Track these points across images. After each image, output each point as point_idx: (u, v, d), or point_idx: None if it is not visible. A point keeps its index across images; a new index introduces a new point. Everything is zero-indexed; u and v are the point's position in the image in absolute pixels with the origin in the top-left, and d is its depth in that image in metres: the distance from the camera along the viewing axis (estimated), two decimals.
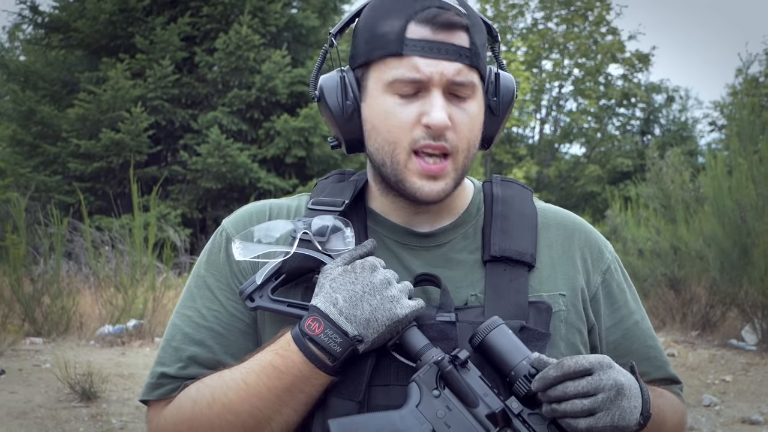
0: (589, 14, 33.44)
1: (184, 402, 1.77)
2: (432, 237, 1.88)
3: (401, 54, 1.73)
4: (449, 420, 1.65)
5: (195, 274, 1.90)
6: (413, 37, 1.73)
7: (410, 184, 1.78)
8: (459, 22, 1.74)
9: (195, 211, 17.09)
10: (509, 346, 1.67)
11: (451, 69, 1.74)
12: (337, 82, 1.82)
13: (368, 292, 1.68)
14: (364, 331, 1.67)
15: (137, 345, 9.57)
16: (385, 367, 1.73)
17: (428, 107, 1.74)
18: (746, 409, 8.04)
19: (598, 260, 1.95)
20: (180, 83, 17.47)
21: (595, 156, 33.12)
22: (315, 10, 18.76)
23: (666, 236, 12.51)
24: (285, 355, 1.69)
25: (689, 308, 11.96)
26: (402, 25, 1.73)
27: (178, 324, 1.85)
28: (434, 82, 1.74)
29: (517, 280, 1.82)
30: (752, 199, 10.65)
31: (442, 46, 1.73)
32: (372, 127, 1.79)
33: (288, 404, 1.70)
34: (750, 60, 29.60)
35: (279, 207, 1.93)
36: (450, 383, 1.66)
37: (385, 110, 1.77)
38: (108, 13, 17.25)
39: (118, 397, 7.41)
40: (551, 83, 34.33)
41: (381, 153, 1.79)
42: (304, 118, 16.84)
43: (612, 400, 1.61)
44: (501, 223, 1.88)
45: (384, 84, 1.76)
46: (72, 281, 10.75)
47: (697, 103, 51.14)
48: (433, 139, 1.75)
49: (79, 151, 16.59)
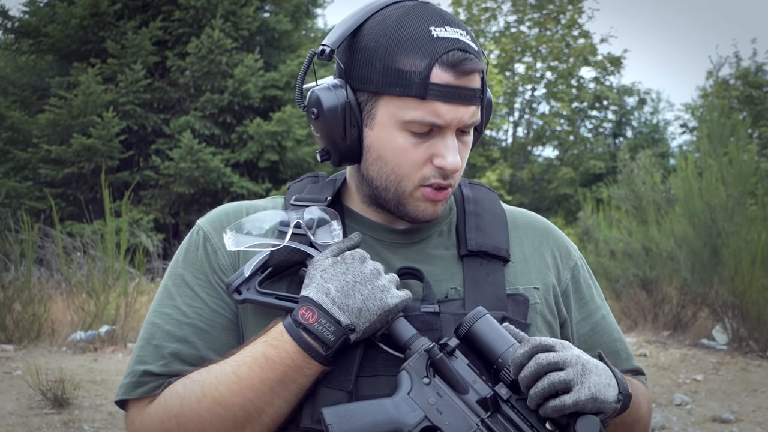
0: (562, 17, 33.52)
1: (170, 399, 1.76)
2: (409, 234, 1.91)
3: (424, 98, 1.74)
4: (441, 406, 1.68)
5: (171, 273, 1.90)
6: (437, 82, 1.73)
7: (413, 208, 1.83)
8: (478, 68, 1.76)
9: (168, 216, 17.04)
10: (494, 335, 1.70)
11: (468, 113, 1.77)
12: (342, 105, 1.80)
13: (359, 282, 1.71)
14: (356, 320, 1.69)
15: (110, 351, 9.52)
16: (371, 358, 1.75)
17: (443, 150, 1.77)
18: (717, 407, 8.09)
19: (566, 258, 2.01)
20: (152, 88, 17.42)
21: (568, 158, 33.20)
22: (287, 14, 18.75)
23: (637, 237, 12.57)
24: (278, 345, 1.70)
25: (661, 308, 12.02)
26: (426, 67, 1.73)
27: (157, 322, 1.84)
28: (451, 127, 1.76)
29: (494, 273, 1.87)
30: (722, 200, 10.71)
31: (462, 92, 1.75)
32: (378, 157, 1.80)
33: (280, 395, 1.71)
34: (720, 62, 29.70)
35: (255, 208, 1.93)
36: (440, 371, 1.69)
37: (396, 146, 1.78)
38: (79, 18, 17.18)
39: (90, 404, 7.37)
40: (524, 86, 34.39)
41: (384, 180, 1.82)
42: (276, 122, 16.82)
43: (581, 373, 1.64)
44: (475, 221, 1.93)
45: (399, 121, 1.76)
46: (43, 287, 10.65)
47: (668, 106, 51.48)
48: (443, 178, 1.79)
49: (50, 156, 16.51)
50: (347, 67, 1.81)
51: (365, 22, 1.80)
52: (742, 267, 10.34)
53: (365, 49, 1.78)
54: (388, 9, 1.80)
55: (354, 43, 1.80)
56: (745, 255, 10.34)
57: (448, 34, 1.75)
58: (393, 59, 1.75)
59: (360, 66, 1.79)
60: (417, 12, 1.78)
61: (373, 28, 1.78)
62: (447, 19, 1.78)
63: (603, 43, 36.92)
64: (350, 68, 1.80)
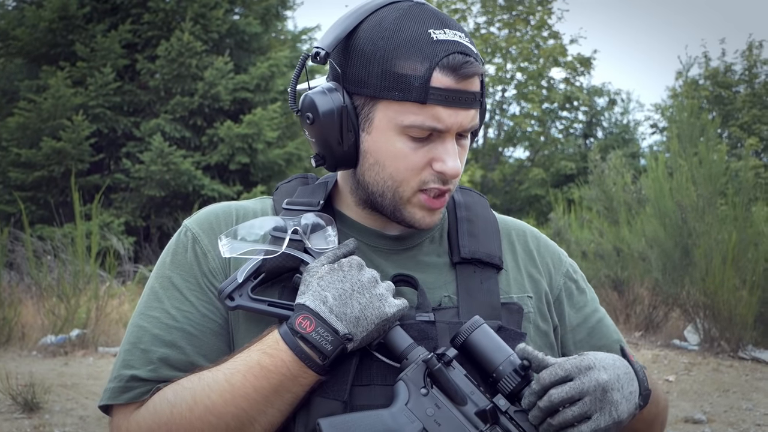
0: (531, 18, 33.61)
1: (160, 406, 1.72)
2: (401, 240, 1.89)
3: (424, 103, 1.71)
4: (439, 418, 1.66)
5: (159, 275, 1.85)
6: (438, 86, 1.71)
7: (410, 214, 1.80)
8: (479, 71, 1.74)
9: (139, 219, 16.94)
10: (492, 345, 1.69)
11: (468, 117, 1.75)
12: (338, 109, 1.76)
13: (357, 290, 1.68)
14: (353, 329, 1.66)
15: (80, 355, 9.48)
16: (366, 367, 1.73)
17: (443, 155, 1.75)
18: (689, 408, 8.12)
19: (558, 264, 2.01)
20: (122, 91, 17.31)
21: (539, 159, 33.29)
22: (257, 16, 18.68)
23: (609, 238, 12.62)
24: (273, 354, 1.66)
25: (632, 309, 12.08)
26: (427, 71, 1.70)
27: (144, 326, 1.80)
28: (451, 131, 1.74)
29: (488, 281, 1.86)
30: (693, 200, 10.77)
31: (462, 96, 1.73)
32: (375, 162, 1.78)
33: (274, 404, 1.68)
34: (689, 63, 29.96)
35: (244, 209, 1.90)
36: (438, 381, 1.67)
37: (395, 151, 1.75)
38: (47, 21, 17.05)
39: (61, 408, 7.33)
40: (494, 87, 34.45)
41: (382, 186, 1.79)
42: (247, 124, 16.76)
43: (600, 399, 1.63)
44: (468, 227, 1.91)
45: (398, 126, 1.74)
46: (13, 291, 10.59)
47: (638, 106, 51.72)
48: (442, 183, 1.77)
49: (19, 160, 16.37)
50: (343, 70, 1.77)
51: (360, 24, 1.77)
52: (713, 267, 10.39)
53: (362, 52, 1.75)
54: (383, 11, 1.77)
55: (349, 45, 1.77)
56: (716, 255, 10.40)
57: (448, 37, 1.73)
58: (392, 63, 1.72)
59: (356, 69, 1.75)
60: (414, 14, 1.75)
61: (370, 31, 1.75)
62: (445, 21, 1.76)
63: (573, 43, 37.02)
64: (346, 71, 1.77)
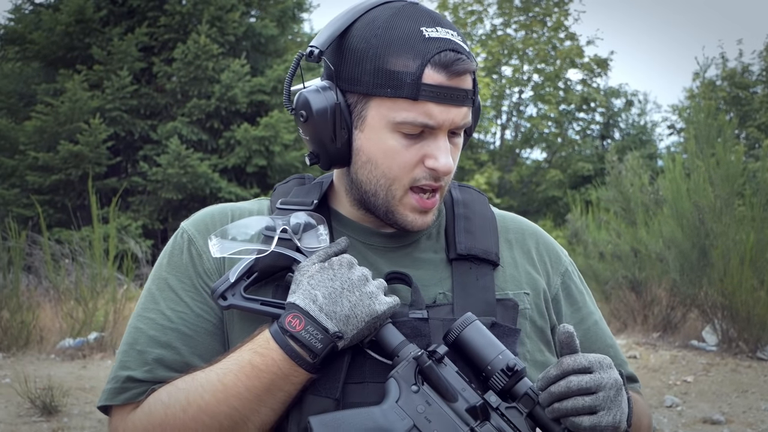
0: (548, 20, 33.57)
1: (154, 407, 1.74)
2: (397, 237, 1.89)
3: (416, 99, 1.72)
4: (430, 415, 1.66)
5: (155, 276, 1.87)
6: (429, 83, 1.71)
7: (402, 216, 1.80)
8: (470, 68, 1.75)
9: (156, 222, 17.00)
10: (484, 341, 1.68)
11: (460, 115, 1.75)
12: (331, 107, 1.77)
13: (347, 288, 1.68)
14: (344, 327, 1.66)
15: (98, 358, 9.50)
16: (359, 364, 1.73)
17: (435, 151, 1.75)
18: (707, 409, 8.09)
19: (556, 263, 1.99)
20: (138, 94, 17.38)
21: (556, 161, 33.24)
22: (273, 18, 18.73)
23: (626, 239, 12.57)
24: (264, 353, 1.67)
25: (650, 310, 12.03)
26: (418, 68, 1.71)
27: (140, 327, 1.81)
28: (443, 128, 1.75)
29: (484, 278, 1.85)
30: (710, 201, 10.72)
31: (454, 93, 1.74)
32: (368, 160, 1.78)
33: (266, 403, 1.68)
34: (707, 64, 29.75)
35: (240, 210, 1.91)
36: (429, 378, 1.67)
37: (387, 148, 1.76)
38: (64, 25, 17.14)
39: (79, 411, 7.34)
40: (511, 89, 34.42)
41: (374, 184, 1.79)
42: (264, 127, 16.80)
43: (612, 399, 1.63)
44: (465, 224, 1.91)
45: (390, 123, 1.74)
46: (31, 295, 10.63)
47: (655, 107, 51.67)
48: (434, 180, 1.77)
49: (37, 163, 16.46)
50: (336, 69, 1.78)
51: (354, 23, 1.78)
52: (730, 268, 10.34)
53: (355, 50, 1.75)
54: (376, 10, 1.78)
55: (343, 44, 1.78)
56: (734, 255, 10.35)
57: (440, 35, 1.74)
58: (384, 60, 1.73)
59: (349, 67, 1.76)
60: (407, 12, 1.76)
61: (363, 29, 1.76)
62: (437, 20, 1.77)
63: (589, 45, 36.88)
64: (339, 70, 1.78)
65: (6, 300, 9.90)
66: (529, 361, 1.83)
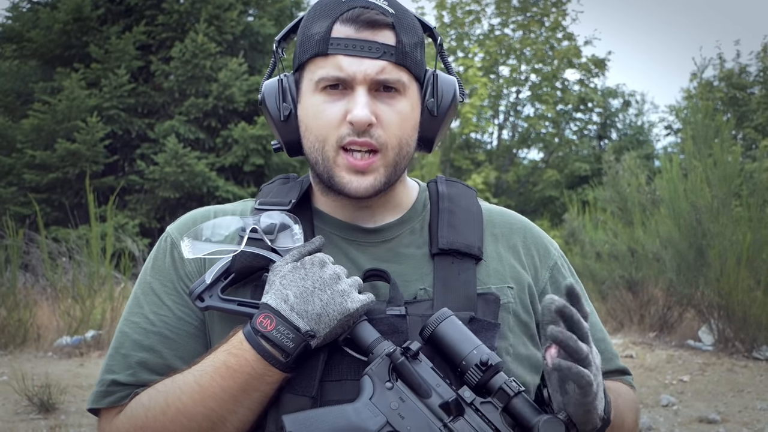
0: (546, 20, 33.54)
1: (135, 410, 1.76)
2: (379, 232, 1.90)
3: (326, 54, 1.77)
4: (403, 411, 1.66)
5: (141, 281, 1.90)
6: (337, 36, 1.77)
7: (339, 179, 1.81)
8: (383, 21, 1.78)
9: (153, 220, 16.99)
10: (459, 336, 1.69)
11: (375, 67, 1.77)
12: (276, 86, 1.85)
13: (318, 287, 1.69)
14: (315, 326, 1.68)
15: (96, 356, 9.50)
16: (337, 362, 1.74)
17: (352, 105, 1.77)
18: (703, 408, 8.10)
19: (545, 257, 2.00)
20: (136, 92, 17.36)
21: (553, 161, 33.22)
22: (271, 17, 18.72)
23: (623, 239, 12.58)
24: (238, 354, 1.69)
25: (647, 310, 12.04)
26: (328, 25, 1.77)
27: (126, 331, 1.84)
28: (357, 80, 1.77)
29: (465, 272, 1.85)
30: (707, 201, 10.73)
31: (365, 44, 1.76)
32: (306, 128, 1.83)
33: (243, 403, 1.70)
34: (704, 64, 29.82)
35: (224, 212, 1.93)
36: (402, 375, 1.68)
37: (314, 109, 1.80)
38: (62, 23, 17.11)
39: (76, 409, 7.35)
40: (509, 89, 34.39)
41: (313, 151, 1.82)
42: (261, 125, 16.79)
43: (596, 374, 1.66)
44: (448, 218, 1.92)
45: (313, 84, 1.80)
46: (29, 293, 10.64)
47: (652, 107, 51.53)
48: (357, 136, 1.78)
49: (34, 162, 16.43)
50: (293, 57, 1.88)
51: None
52: (727, 268, 10.35)
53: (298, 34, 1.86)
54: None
55: None
56: (731, 256, 10.36)
57: None
58: (306, 29, 1.82)
59: (295, 50, 1.87)
60: None
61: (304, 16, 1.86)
62: None
63: (587, 45, 36.88)
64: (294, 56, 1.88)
65: (3, 298, 9.91)
66: (512, 355, 1.84)
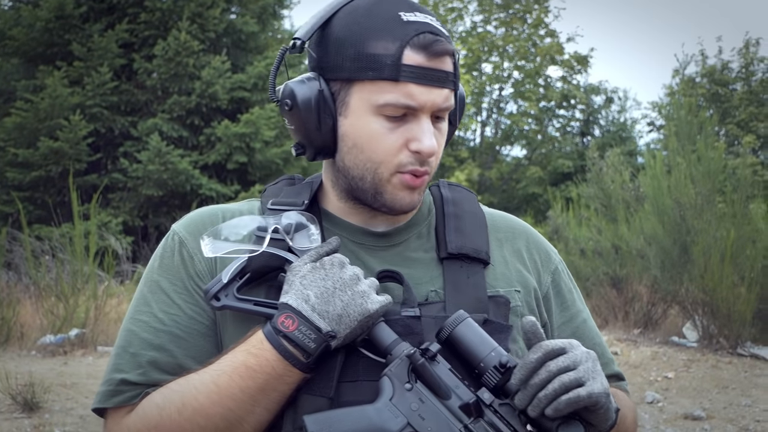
0: (528, 17, 33.64)
1: (148, 410, 1.74)
2: (388, 236, 1.90)
3: (397, 80, 1.73)
4: (423, 412, 1.66)
5: (147, 279, 1.87)
6: (409, 64, 1.73)
7: (390, 195, 1.80)
8: (449, 50, 1.76)
9: (136, 218, 16.93)
10: (476, 338, 1.68)
11: (441, 96, 1.76)
12: (315, 95, 1.79)
13: (339, 288, 1.69)
14: (336, 326, 1.67)
15: (80, 354, 9.47)
16: (353, 363, 1.73)
17: (419, 134, 1.76)
18: (688, 405, 8.13)
19: (546, 261, 2.00)
20: (119, 90, 17.30)
21: (536, 158, 33.32)
22: (254, 15, 18.68)
23: (607, 236, 12.63)
24: (258, 353, 1.68)
25: (631, 306, 12.09)
26: (398, 49, 1.73)
27: (134, 330, 1.81)
28: (425, 110, 1.75)
29: (475, 276, 1.86)
30: (691, 198, 10.78)
31: (434, 74, 1.75)
32: (354, 145, 1.79)
33: (260, 404, 1.69)
34: (686, 61, 30.02)
35: (231, 211, 1.91)
36: (422, 376, 1.67)
37: (371, 132, 1.77)
38: (44, 21, 17.04)
39: (60, 407, 7.32)
40: (491, 86, 34.48)
41: (361, 169, 1.80)
42: (245, 123, 16.76)
43: (593, 369, 1.64)
44: (455, 223, 1.92)
45: (373, 106, 1.76)
46: (12, 291, 10.59)
47: (635, 104, 51.95)
48: (420, 165, 1.78)
49: (17, 160, 16.36)
50: (320, 59, 1.81)
51: (336, 14, 1.81)
52: (711, 264, 10.40)
53: (336, 38, 1.78)
54: (357, 0, 1.81)
55: (325, 34, 1.81)
56: (715, 252, 10.41)
57: (418, 18, 1.76)
58: (364, 45, 1.75)
59: (332, 56, 1.79)
60: (386, 0, 1.79)
61: (344, 18, 1.79)
62: (416, 6, 1.79)
63: (569, 42, 37.06)
64: (323, 59, 1.80)
65: None
66: (521, 358, 1.83)
